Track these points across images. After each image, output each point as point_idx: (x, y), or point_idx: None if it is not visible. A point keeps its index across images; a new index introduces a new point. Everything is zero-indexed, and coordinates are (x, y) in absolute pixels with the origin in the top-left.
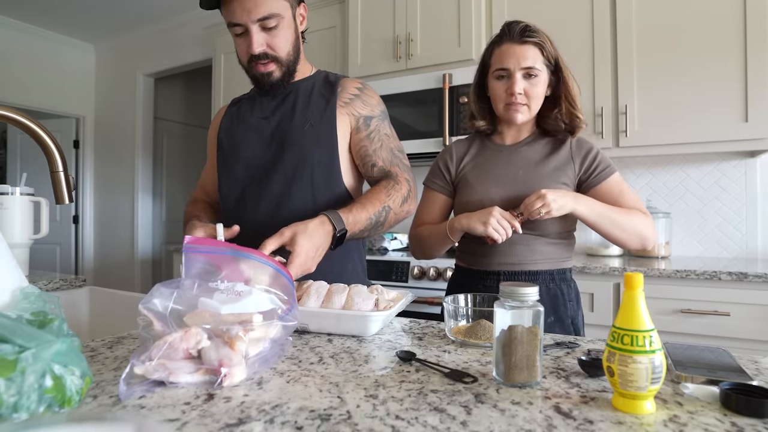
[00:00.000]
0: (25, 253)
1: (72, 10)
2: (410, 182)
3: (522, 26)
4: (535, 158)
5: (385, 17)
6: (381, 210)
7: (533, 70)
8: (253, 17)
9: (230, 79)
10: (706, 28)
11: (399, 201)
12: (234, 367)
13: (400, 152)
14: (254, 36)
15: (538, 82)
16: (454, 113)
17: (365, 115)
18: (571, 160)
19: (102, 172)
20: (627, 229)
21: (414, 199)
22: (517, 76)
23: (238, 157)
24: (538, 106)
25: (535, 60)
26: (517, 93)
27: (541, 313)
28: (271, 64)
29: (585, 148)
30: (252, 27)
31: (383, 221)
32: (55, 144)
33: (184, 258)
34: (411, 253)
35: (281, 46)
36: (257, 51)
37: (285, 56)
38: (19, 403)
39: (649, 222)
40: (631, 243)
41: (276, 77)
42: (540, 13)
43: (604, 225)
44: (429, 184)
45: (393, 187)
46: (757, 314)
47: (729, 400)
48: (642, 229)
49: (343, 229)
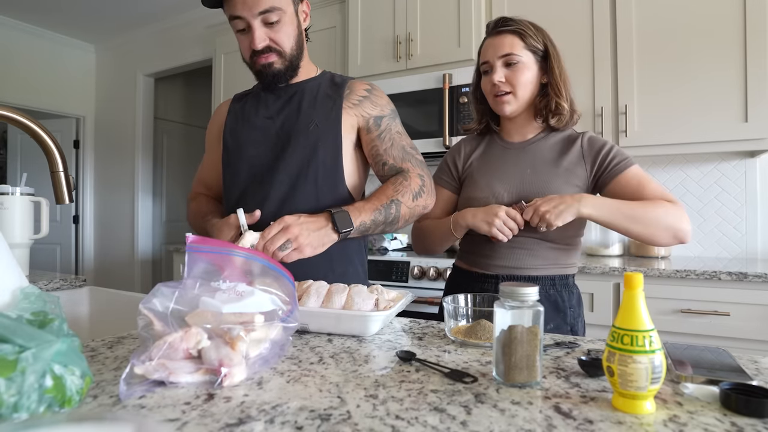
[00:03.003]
0: (25, 253)
1: (72, 10)
2: (424, 177)
3: (497, 19)
4: (545, 157)
5: (385, 17)
6: (389, 203)
7: (512, 57)
8: (255, 11)
9: (230, 79)
10: (706, 28)
11: (409, 196)
12: (234, 367)
13: (412, 149)
14: (256, 31)
15: (521, 68)
16: (454, 113)
17: (375, 116)
18: (582, 161)
19: (102, 172)
20: (650, 223)
21: (430, 194)
22: (496, 66)
23: (242, 156)
24: (526, 93)
25: (512, 46)
26: (498, 81)
27: (541, 313)
28: (272, 56)
29: (597, 146)
30: (254, 22)
31: (396, 215)
32: (56, 144)
33: (187, 257)
34: (413, 247)
35: (283, 40)
36: (260, 46)
37: (288, 50)
38: (19, 403)
39: (678, 212)
40: (660, 238)
41: (277, 68)
42: (540, 12)
43: (620, 222)
44: (436, 180)
45: (401, 183)
46: (757, 314)
47: (729, 400)
48: (670, 221)
49: (341, 210)
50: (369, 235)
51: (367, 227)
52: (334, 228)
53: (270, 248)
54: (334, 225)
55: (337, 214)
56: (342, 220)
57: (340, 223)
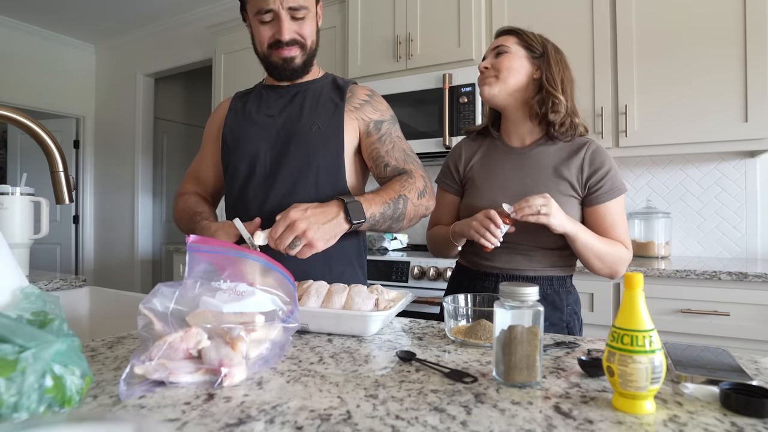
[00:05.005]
0: (25, 253)
1: (73, 10)
2: (425, 179)
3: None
4: (547, 166)
5: (385, 17)
6: (397, 198)
7: (501, 47)
8: (285, 5)
9: (230, 79)
10: (706, 28)
11: (415, 194)
12: (234, 367)
13: (411, 152)
14: (285, 23)
15: (507, 57)
16: (454, 113)
17: (376, 120)
18: (581, 174)
19: (102, 172)
20: (605, 262)
21: (431, 196)
22: (488, 56)
23: (242, 154)
24: (509, 77)
25: (506, 40)
26: (483, 67)
27: (541, 313)
28: (295, 49)
29: (595, 165)
30: (283, 13)
31: (403, 211)
32: (55, 144)
33: (188, 257)
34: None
35: (308, 34)
36: (287, 38)
37: (310, 44)
38: (19, 403)
39: (627, 259)
40: (601, 273)
41: (297, 64)
42: (540, 13)
43: (588, 256)
44: (440, 183)
45: (407, 180)
46: (756, 314)
47: (729, 400)
48: (618, 266)
49: (354, 200)
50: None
51: (377, 220)
52: (346, 218)
53: (280, 247)
54: (347, 214)
55: (350, 204)
56: (355, 210)
57: (353, 213)
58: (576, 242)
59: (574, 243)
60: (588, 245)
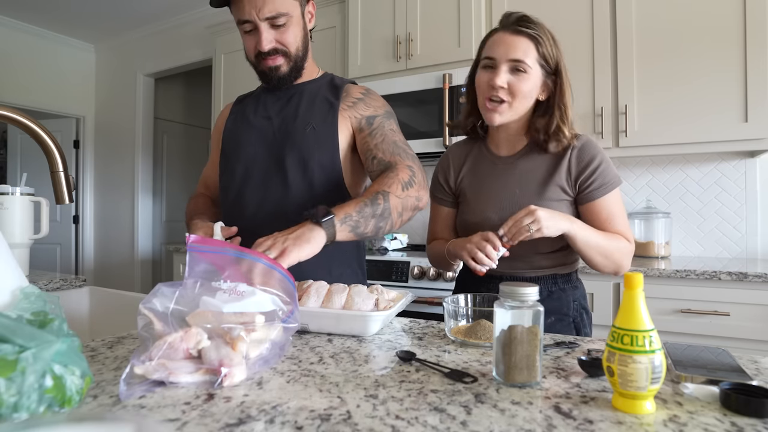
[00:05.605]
0: (25, 253)
1: (72, 10)
2: (414, 168)
3: (519, 15)
4: (534, 175)
5: (385, 17)
6: (375, 195)
7: (522, 65)
8: (262, 15)
9: (230, 79)
10: (706, 28)
11: (398, 186)
12: (234, 367)
13: (404, 144)
14: (263, 34)
15: (526, 78)
16: (454, 113)
17: (368, 116)
18: (569, 174)
19: (102, 172)
20: (609, 258)
21: (423, 186)
22: (502, 68)
23: (239, 157)
24: (523, 106)
25: (526, 53)
26: (499, 86)
27: (541, 313)
28: (279, 58)
29: (583, 163)
30: (261, 24)
31: (385, 206)
32: (55, 144)
33: (188, 257)
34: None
35: (290, 42)
36: (266, 48)
37: (294, 51)
38: (19, 403)
39: (630, 251)
40: (606, 270)
41: (284, 72)
42: (540, 12)
43: (590, 254)
44: (432, 197)
45: (387, 176)
46: (756, 314)
47: (729, 400)
48: (622, 260)
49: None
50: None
51: (356, 221)
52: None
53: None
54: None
55: (310, 210)
56: (318, 213)
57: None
58: (576, 241)
59: (574, 242)
60: (588, 242)
